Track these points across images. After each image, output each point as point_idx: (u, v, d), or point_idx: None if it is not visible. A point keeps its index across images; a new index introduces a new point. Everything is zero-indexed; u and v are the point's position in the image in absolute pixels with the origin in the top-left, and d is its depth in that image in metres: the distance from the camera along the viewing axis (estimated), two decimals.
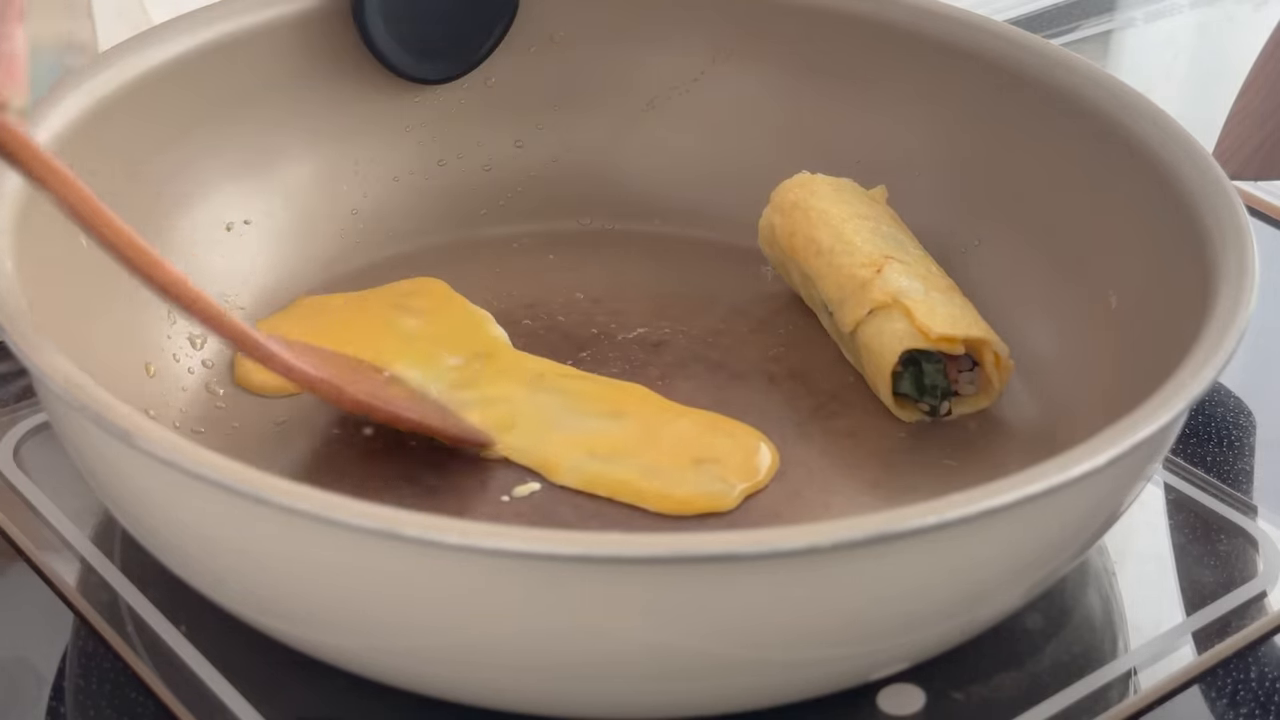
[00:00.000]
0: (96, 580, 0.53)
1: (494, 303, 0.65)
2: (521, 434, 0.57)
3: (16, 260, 0.51)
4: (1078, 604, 0.54)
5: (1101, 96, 0.61)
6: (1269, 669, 0.52)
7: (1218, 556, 0.56)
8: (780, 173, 0.66)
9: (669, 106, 0.71)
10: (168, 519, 0.47)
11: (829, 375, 0.62)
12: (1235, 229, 0.54)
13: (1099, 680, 0.51)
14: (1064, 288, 0.61)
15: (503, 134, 0.71)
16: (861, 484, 0.57)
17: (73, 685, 0.50)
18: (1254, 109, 0.70)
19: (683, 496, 0.55)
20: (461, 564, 0.42)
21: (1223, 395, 0.65)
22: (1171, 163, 0.58)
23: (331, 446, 0.57)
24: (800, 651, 0.45)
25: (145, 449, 0.44)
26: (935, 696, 0.49)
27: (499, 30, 0.69)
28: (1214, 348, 0.48)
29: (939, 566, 0.44)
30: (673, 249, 0.69)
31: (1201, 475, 0.60)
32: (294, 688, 0.49)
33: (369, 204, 0.68)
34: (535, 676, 0.45)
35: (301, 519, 0.42)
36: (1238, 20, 1.00)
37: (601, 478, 0.56)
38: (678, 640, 0.43)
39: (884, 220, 0.64)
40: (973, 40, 0.66)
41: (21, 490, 0.57)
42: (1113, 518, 0.51)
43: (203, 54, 0.62)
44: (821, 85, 0.69)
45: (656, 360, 0.62)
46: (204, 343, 0.61)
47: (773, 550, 0.41)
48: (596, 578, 0.42)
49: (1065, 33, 0.94)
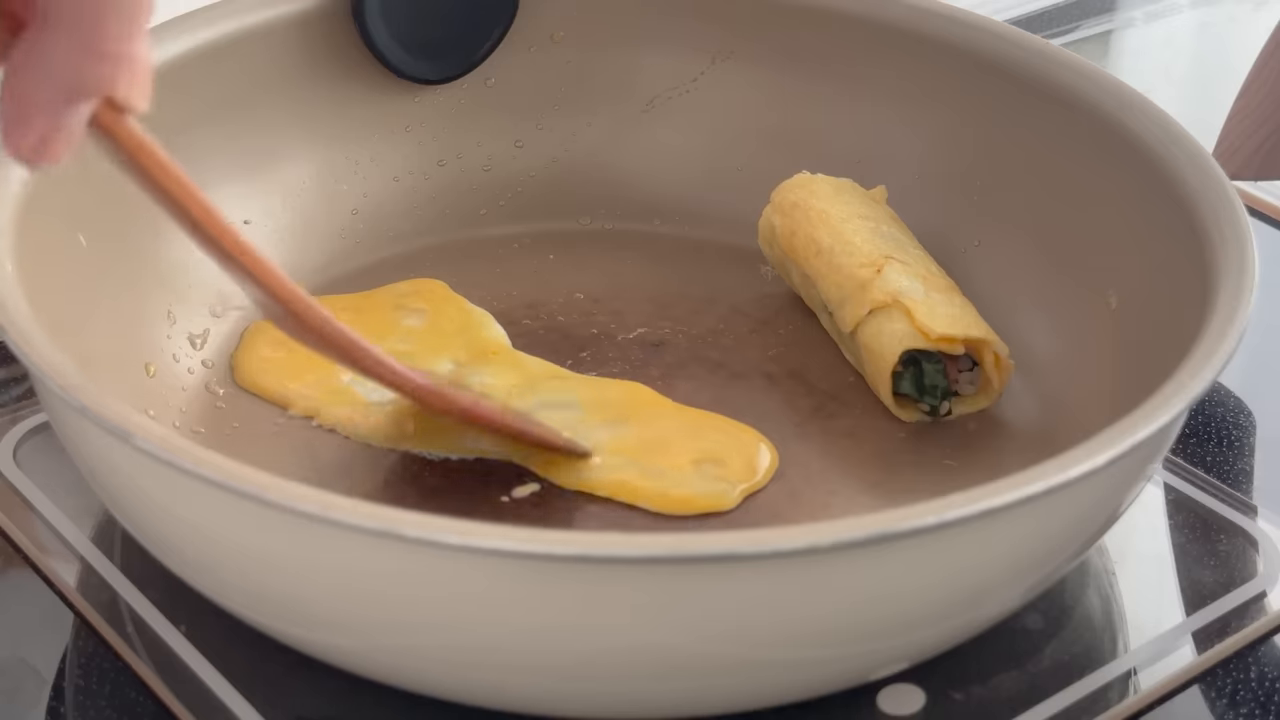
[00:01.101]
0: (96, 580, 0.53)
1: (494, 303, 0.65)
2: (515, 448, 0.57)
3: (16, 260, 0.51)
4: (1078, 604, 0.54)
5: (1101, 96, 0.61)
6: (1269, 669, 0.52)
7: (1218, 556, 0.56)
8: (780, 173, 0.66)
9: (669, 107, 0.71)
10: (168, 519, 0.47)
11: (829, 375, 0.62)
12: (1235, 229, 0.54)
13: (1099, 680, 0.51)
14: (1064, 288, 0.61)
15: (503, 134, 0.71)
16: (861, 484, 0.57)
17: (73, 685, 0.50)
18: (1254, 109, 0.70)
19: (682, 496, 0.55)
20: (461, 564, 0.42)
21: (1223, 395, 0.65)
22: (1171, 163, 0.58)
23: (331, 446, 0.57)
24: (800, 651, 0.45)
25: (145, 449, 0.44)
26: (935, 696, 0.49)
27: (499, 30, 0.69)
28: (1214, 348, 0.48)
29: (939, 566, 0.44)
30: (673, 249, 0.69)
31: (1201, 475, 0.60)
32: (294, 688, 0.49)
33: (369, 204, 0.68)
34: (535, 676, 0.45)
35: (301, 519, 0.42)
36: (1238, 20, 1.00)
37: (601, 479, 0.56)
38: (677, 640, 0.43)
39: (884, 220, 0.64)
40: (973, 40, 0.66)
41: (21, 490, 0.57)
42: (1113, 518, 0.51)
43: (202, 54, 0.62)
44: (821, 85, 0.69)
45: (656, 360, 0.62)
46: (204, 343, 0.61)
47: (772, 550, 0.41)
48: (596, 578, 0.42)
49: (1065, 33, 0.94)
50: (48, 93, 0.40)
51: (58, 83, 0.40)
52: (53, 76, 0.40)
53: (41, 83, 0.40)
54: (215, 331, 0.62)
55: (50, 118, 0.40)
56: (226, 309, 0.62)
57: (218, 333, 0.62)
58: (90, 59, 0.40)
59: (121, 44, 0.40)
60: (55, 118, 0.40)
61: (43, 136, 0.40)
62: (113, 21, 0.39)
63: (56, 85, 0.40)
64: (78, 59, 0.40)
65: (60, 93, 0.40)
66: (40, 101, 0.40)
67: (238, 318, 0.62)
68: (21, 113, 0.40)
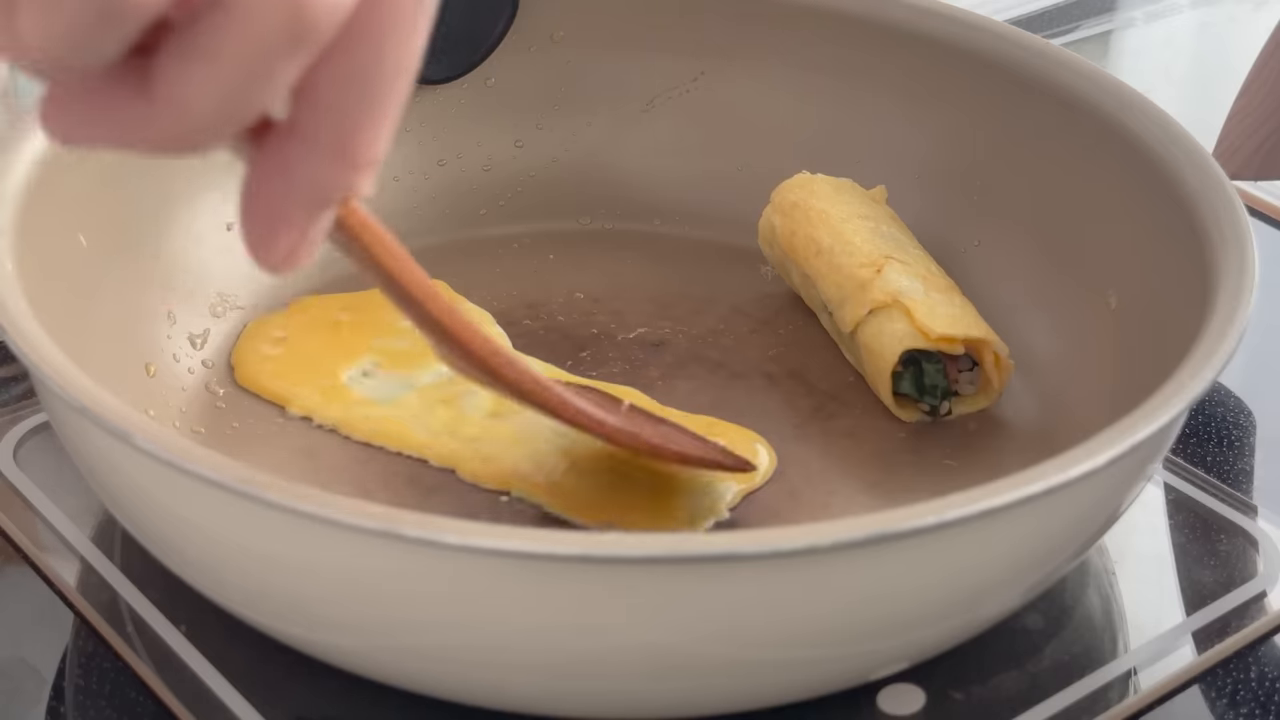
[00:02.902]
0: (96, 580, 0.53)
1: (494, 303, 0.65)
2: (516, 440, 0.57)
3: (16, 260, 0.51)
4: (1078, 604, 0.54)
5: (1101, 96, 0.61)
6: (1269, 669, 0.52)
7: (1218, 556, 0.56)
8: (780, 173, 0.66)
9: (669, 106, 0.71)
10: (168, 519, 0.47)
11: (829, 375, 0.62)
12: (1235, 229, 0.54)
13: (1099, 680, 0.51)
14: (1064, 288, 0.61)
15: (503, 134, 0.71)
16: (861, 484, 0.57)
17: (73, 685, 0.50)
18: (1254, 109, 0.70)
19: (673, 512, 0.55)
20: (461, 564, 0.42)
21: (1223, 395, 0.65)
22: (1171, 163, 0.58)
23: (331, 446, 0.57)
24: (800, 651, 0.45)
25: (145, 449, 0.44)
26: (935, 696, 0.49)
27: (499, 30, 0.69)
28: (1214, 348, 0.48)
29: (938, 566, 0.44)
30: (673, 249, 0.69)
31: (1201, 475, 0.60)
32: (294, 688, 0.49)
33: (369, 204, 0.68)
34: (535, 676, 0.45)
35: (301, 519, 0.42)
36: (1238, 20, 1.00)
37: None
38: (677, 640, 0.43)
39: (884, 220, 0.64)
40: (973, 40, 0.66)
41: (21, 490, 0.57)
42: (1113, 518, 0.51)
43: None
44: (821, 85, 0.69)
45: (656, 360, 0.62)
46: (204, 343, 0.61)
47: (772, 550, 0.41)
48: (596, 578, 0.42)
49: (1065, 33, 0.94)
50: (295, 204, 0.36)
51: (308, 195, 0.36)
52: (302, 188, 0.36)
53: (289, 195, 0.36)
54: (215, 331, 0.62)
55: (299, 229, 0.36)
56: (226, 309, 0.62)
57: (218, 333, 0.62)
58: (344, 170, 0.36)
59: (374, 150, 0.36)
60: (304, 228, 0.37)
61: (291, 249, 0.37)
62: (368, 129, 0.36)
63: (306, 197, 0.36)
64: (330, 171, 0.36)
65: (310, 203, 0.36)
66: (288, 215, 0.36)
67: (238, 318, 0.62)
68: (269, 226, 0.37)
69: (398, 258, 0.44)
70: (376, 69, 0.35)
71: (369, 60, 0.35)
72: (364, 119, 0.35)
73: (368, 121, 0.35)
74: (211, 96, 0.33)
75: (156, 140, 0.34)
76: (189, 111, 0.33)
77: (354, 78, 0.35)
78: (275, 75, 0.33)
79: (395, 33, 0.35)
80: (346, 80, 0.35)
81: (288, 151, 0.36)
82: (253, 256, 0.37)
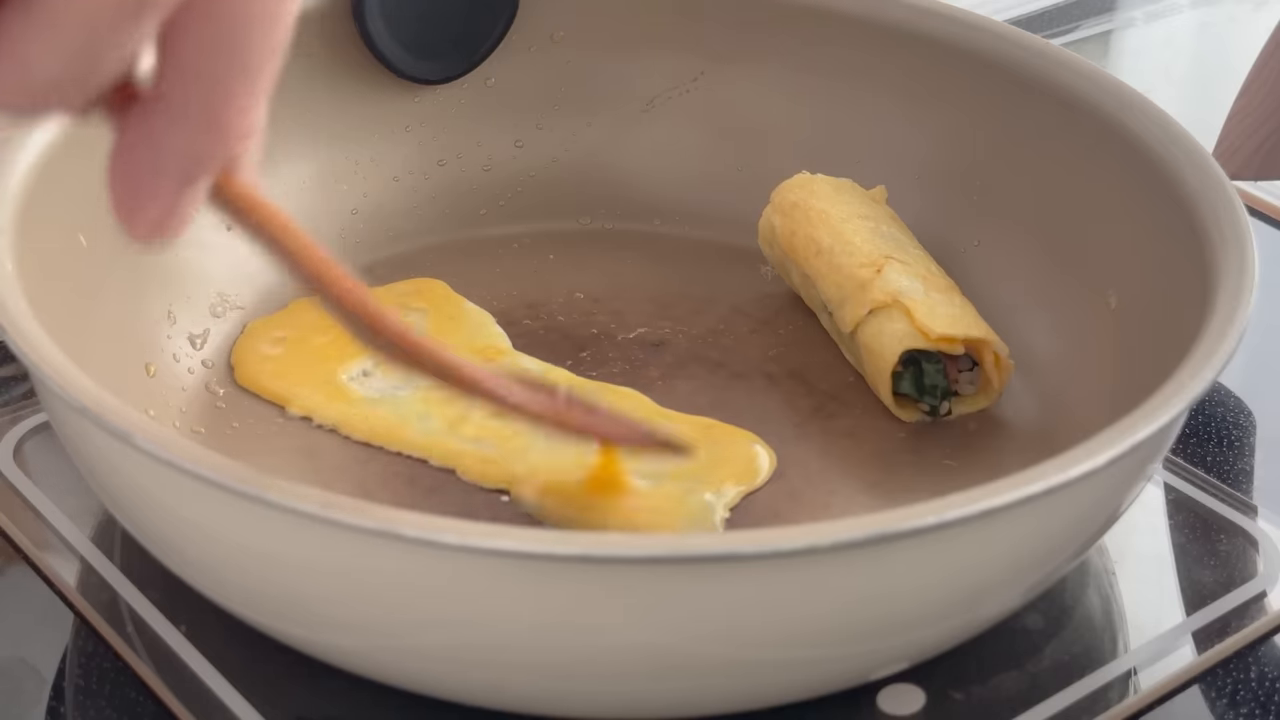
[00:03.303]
0: (96, 580, 0.53)
1: (494, 303, 0.65)
2: (516, 440, 0.57)
3: (16, 260, 0.51)
4: (1078, 604, 0.54)
5: (1101, 96, 0.61)
6: (1269, 669, 0.52)
7: (1218, 556, 0.56)
8: (780, 173, 0.66)
9: (669, 107, 0.71)
10: (168, 519, 0.47)
11: (829, 375, 0.62)
12: (1235, 229, 0.54)
13: (1099, 680, 0.51)
14: (1064, 288, 0.61)
15: (503, 134, 0.71)
16: (861, 484, 0.57)
17: (73, 685, 0.50)
18: (1254, 109, 0.70)
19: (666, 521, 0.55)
20: (460, 564, 0.42)
21: (1223, 395, 0.65)
22: (1171, 163, 0.58)
23: (331, 446, 0.57)
24: (800, 651, 0.45)
25: (145, 449, 0.44)
26: (935, 696, 0.49)
27: (499, 30, 0.69)
28: (1214, 348, 0.48)
29: (938, 566, 0.44)
30: (673, 249, 0.69)
31: (1201, 475, 0.60)
32: (294, 688, 0.49)
33: (369, 204, 0.68)
34: (535, 676, 0.45)
35: (301, 519, 0.42)
36: (1238, 20, 1.00)
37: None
38: (677, 640, 0.43)
39: (884, 220, 0.64)
40: (973, 40, 0.66)
41: (21, 490, 0.57)
42: (1113, 518, 0.51)
43: None
44: (821, 85, 0.69)
45: (656, 360, 0.62)
46: (204, 343, 0.61)
47: (772, 550, 0.41)
48: (595, 578, 0.42)
49: (1065, 33, 0.94)
50: (164, 174, 0.35)
51: (176, 163, 0.35)
52: (170, 157, 0.35)
53: (156, 164, 0.35)
54: (215, 331, 0.62)
55: (168, 201, 0.35)
56: (226, 309, 0.62)
57: (218, 333, 0.62)
58: (214, 142, 0.35)
59: (248, 116, 0.35)
60: (173, 200, 0.35)
61: (159, 220, 0.36)
62: (239, 98, 0.34)
63: (174, 166, 0.35)
64: (199, 142, 0.35)
65: (179, 174, 0.35)
66: (155, 184, 0.35)
67: (238, 318, 0.62)
68: (135, 196, 0.35)
69: (294, 237, 0.42)
70: (244, 35, 0.34)
71: (235, 25, 0.34)
72: (234, 87, 0.34)
73: (239, 90, 0.34)
74: (55, 56, 0.32)
75: (3, 99, 0.33)
76: (32, 70, 0.32)
77: (220, 44, 0.34)
78: (120, 36, 0.32)
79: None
80: (213, 47, 0.34)
81: (155, 121, 0.35)
82: (119, 224, 0.36)
